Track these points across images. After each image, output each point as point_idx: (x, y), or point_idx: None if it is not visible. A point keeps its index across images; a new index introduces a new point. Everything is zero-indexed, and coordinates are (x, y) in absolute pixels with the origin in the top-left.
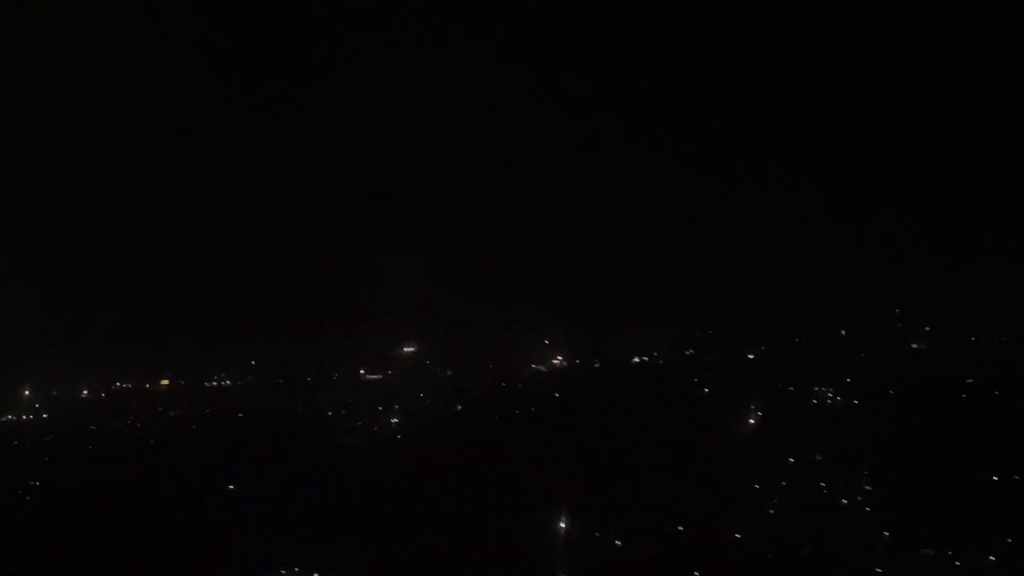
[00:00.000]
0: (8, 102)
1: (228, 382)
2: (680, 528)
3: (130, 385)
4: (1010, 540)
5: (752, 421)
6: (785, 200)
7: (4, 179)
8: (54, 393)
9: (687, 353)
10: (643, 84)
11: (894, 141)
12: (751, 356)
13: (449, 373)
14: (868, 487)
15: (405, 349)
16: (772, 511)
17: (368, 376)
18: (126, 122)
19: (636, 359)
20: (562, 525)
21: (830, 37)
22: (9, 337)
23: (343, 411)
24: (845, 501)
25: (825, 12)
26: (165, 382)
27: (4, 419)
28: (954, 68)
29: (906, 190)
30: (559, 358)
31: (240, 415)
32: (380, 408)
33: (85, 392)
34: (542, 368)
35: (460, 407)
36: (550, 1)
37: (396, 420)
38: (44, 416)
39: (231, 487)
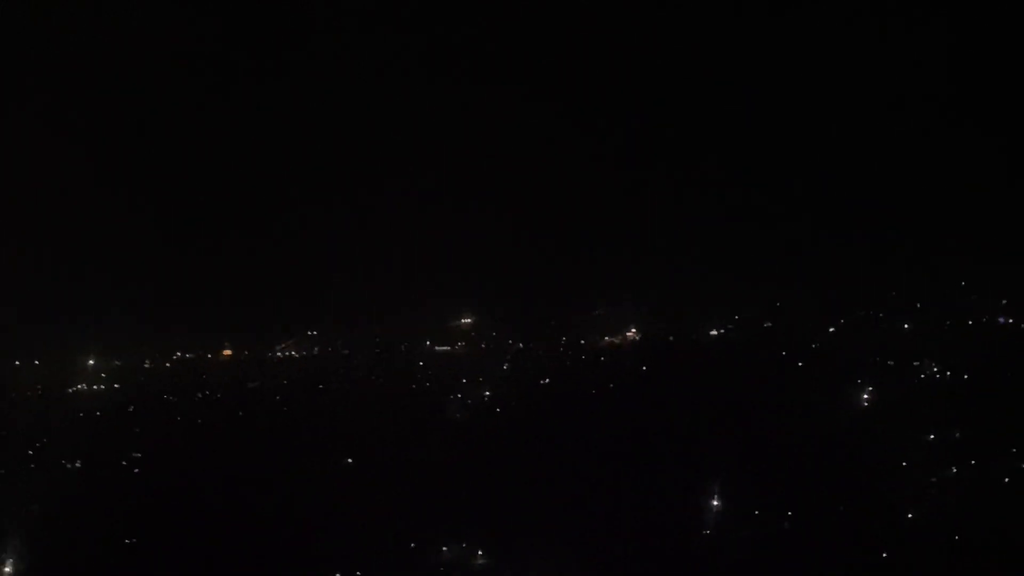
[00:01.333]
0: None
1: (293, 353)
2: (841, 508)
3: (191, 355)
4: None
5: (867, 396)
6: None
7: (63, 153)
8: (116, 363)
9: (766, 326)
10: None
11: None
12: (832, 329)
13: (521, 346)
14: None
15: (463, 320)
16: (937, 492)
17: (437, 348)
18: (188, 96)
19: (713, 332)
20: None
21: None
22: (68, 306)
23: (427, 383)
24: (1008, 479)
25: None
26: (227, 352)
27: (77, 389)
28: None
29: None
30: (633, 330)
31: (320, 386)
32: (473, 380)
33: (147, 362)
34: (616, 341)
35: (547, 380)
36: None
37: (488, 393)
38: (116, 386)
39: (349, 460)
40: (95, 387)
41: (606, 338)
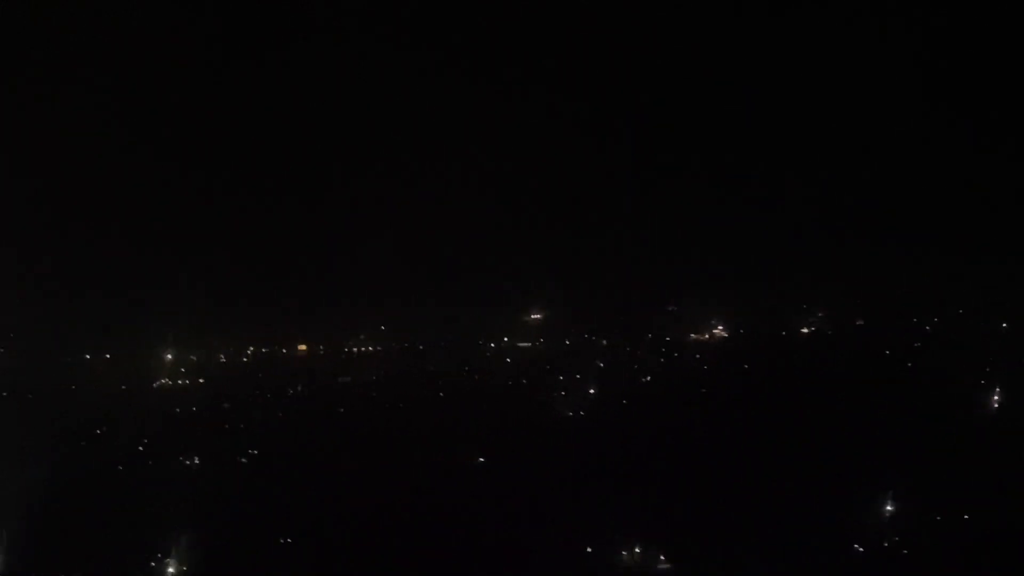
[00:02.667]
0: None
1: (370, 348)
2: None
3: (266, 350)
4: None
5: (996, 397)
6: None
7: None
8: (192, 357)
9: (858, 324)
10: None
11: None
12: (927, 327)
13: (604, 343)
14: None
15: (533, 316)
16: None
17: (519, 344)
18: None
19: (804, 329)
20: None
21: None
22: (142, 301)
23: (524, 380)
24: None
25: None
26: (303, 347)
27: (161, 384)
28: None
29: None
30: (720, 327)
31: (416, 382)
32: (570, 378)
33: (222, 357)
34: (704, 337)
35: (649, 378)
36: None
37: (593, 391)
38: (200, 381)
39: (481, 459)
40: (178, 382)
41: (691, 335)
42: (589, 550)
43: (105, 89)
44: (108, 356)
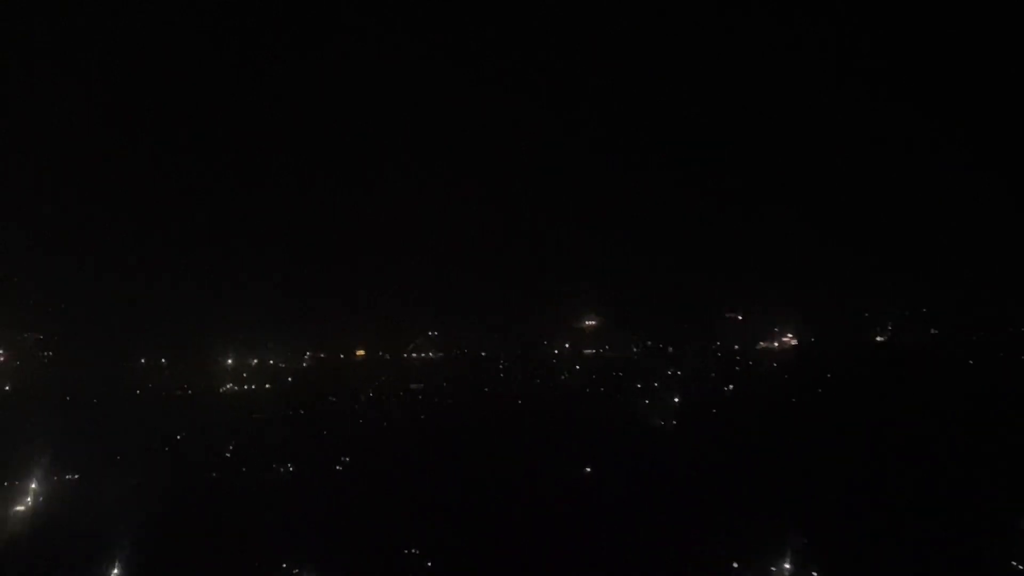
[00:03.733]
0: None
1: (430, 354)
2: None
3: (323, 355)
4: None
5: None
6: None
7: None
8: (253, 362)
9: (932, 333)
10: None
11: None
12: (1003, 337)
13: (671, 350)
14: None
15: (587, 323)
16: None
17: (586, 351)
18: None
19: (879, 338)
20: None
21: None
22: (206, 310)
23: (601, 387)
24: None
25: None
26: (361, 352)
27: (226, 389)
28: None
29: None
30: (789, 335)
31: (486, 389)
32: (648, 384)
33: (283, 363)
34: (773, 345)
35: (731, 386)
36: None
37: (677, 399)
38: (267, 386)
39: (588, 470)
40: (245, 387)
41: (760, 343)
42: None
43: (172, 102)
44: (163, 360)
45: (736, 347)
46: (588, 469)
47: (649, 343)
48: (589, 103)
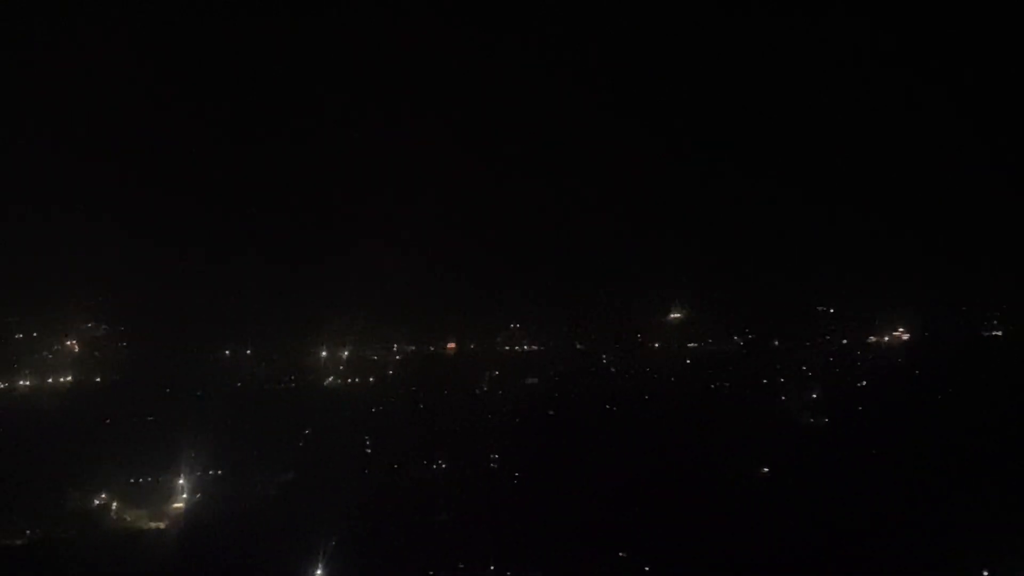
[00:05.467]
0: None
1: (526, 347)
2: None
3: (413, 348)
4: None
5: None
6: None
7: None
8: (344, 354)
9: None
10: None
11: None
12: None
13: (776, 343)
14: None
15: (672, 315)
16: None
17: (689, 345)
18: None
19: (996, 332)
20: None
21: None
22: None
23: (725, 382)
24: None
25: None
26: (451, 346)
27: (330, 382)
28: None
29: None
30: (900, 329)
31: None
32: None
33: (375, 356)
34: (884, 339)
35: (864, 383)
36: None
37: (815, 395)
38: (371, 380)
39: (765, 469)
40: (348, 380)
41: (871, 337)
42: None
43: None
44: (248, 352)
45: (844, 342)
46: (766, 469)
47: (750, 336)
48: (692, 101)
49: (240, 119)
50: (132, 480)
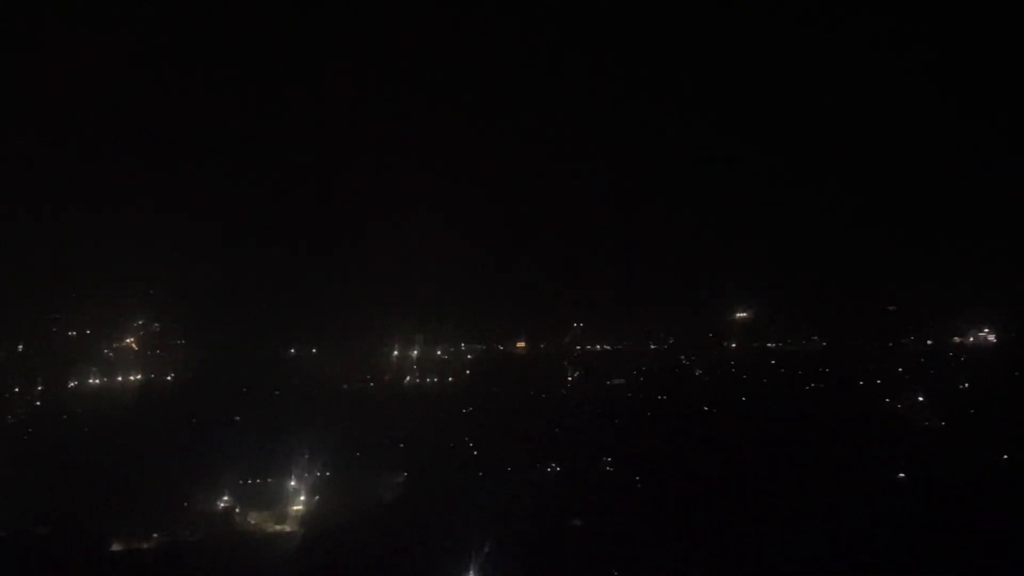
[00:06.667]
0: None
1: (598, 347)
2: None
3: (483, 347)
4: None
5: None
6: None
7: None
8: (414, 352)
9: None
10: None
11: None
12: None
13: (850, 340)
14: None
15: (738, 315)
16: None
17: (768, 345)
18: None
19: None
20: None
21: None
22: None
23: (819, 383)
24: None
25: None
26: (521, 345)
27: (407, 382)
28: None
29: None
30: (986, 330)
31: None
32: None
33: (445, 356)
34: (970, 340)
35: (967, 384)
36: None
37: (922, 399)
38: (450, 379)
39: (901, 475)
40: (426, 380)
41: (955, 338)
42: None
43: None
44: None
45: (929, 343)
46: (902, 475)
47: (814, 337)
48: (762, 100)
49: (303, 117)
50: (245, 482)
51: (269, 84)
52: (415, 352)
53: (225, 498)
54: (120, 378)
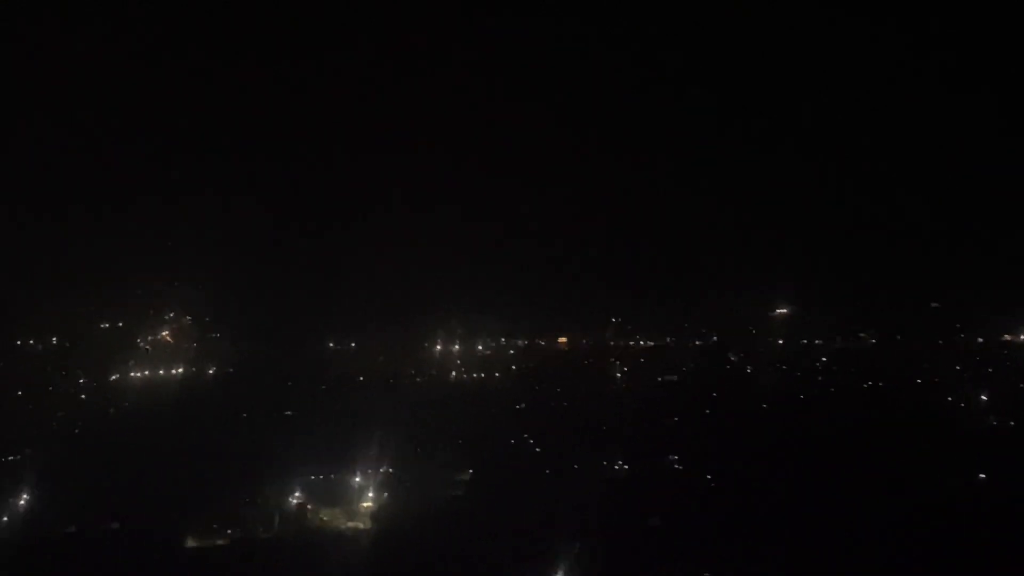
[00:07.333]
0: None
1: (641, 343)
2: None
3: (524, 342)
4: None
5: None
6: None
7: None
8: (455, 347)
9: None
10: None
11: None
12: None
13: (898, 337)
14: None
15: (778, 311)
16: None
17: (816, 342)
18: None
19: None
20: None
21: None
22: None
23: (879, 381)
24: None
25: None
26: (563, 339)
27: (454, 377)
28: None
29: None
30: None
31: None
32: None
33: (486, 350)
34: (1020, 338)
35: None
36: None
37: (985, 398)
38: (496, 375)
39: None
40: (473, 375)
41: (1005, 336)
42: None
43: None
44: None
45: (980, 340)
46: (983, 475)
47: (861, 335)
48: (806, 97)
49: (348, 110)
50: (312, 478)
51: (316, 73)
52: (456, 347)
53: (297, 494)
54: (161, 372)
